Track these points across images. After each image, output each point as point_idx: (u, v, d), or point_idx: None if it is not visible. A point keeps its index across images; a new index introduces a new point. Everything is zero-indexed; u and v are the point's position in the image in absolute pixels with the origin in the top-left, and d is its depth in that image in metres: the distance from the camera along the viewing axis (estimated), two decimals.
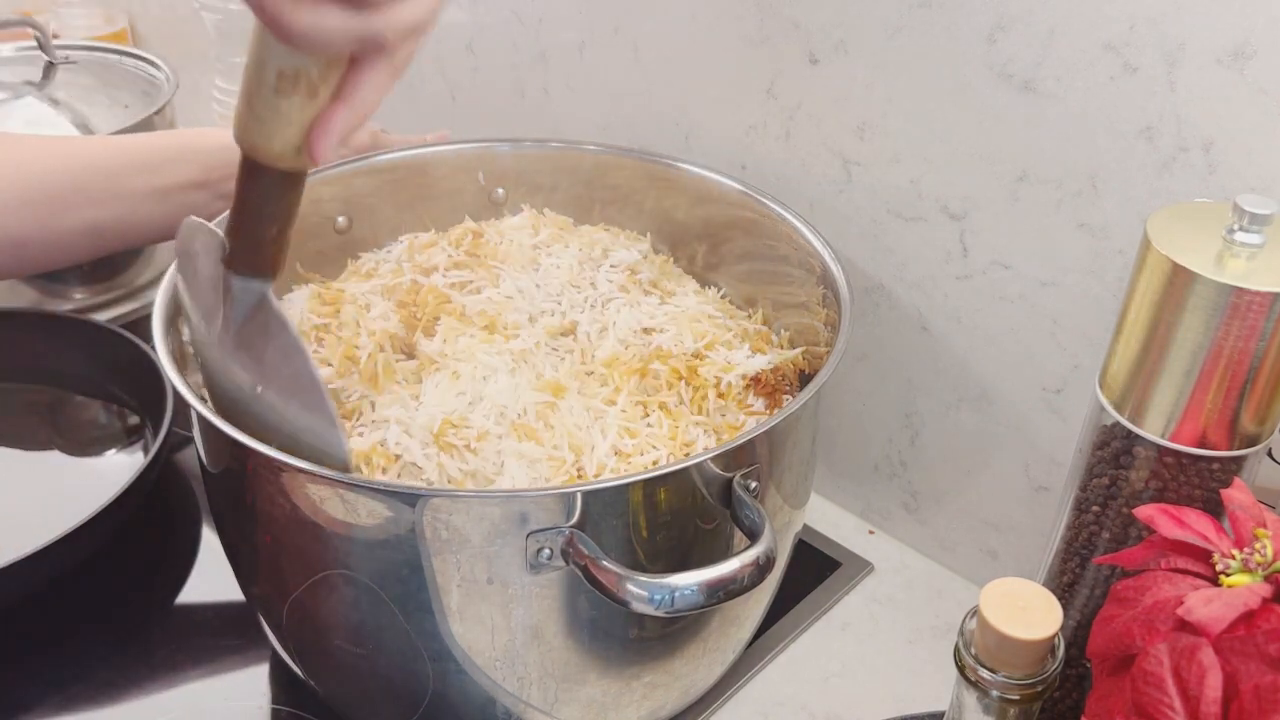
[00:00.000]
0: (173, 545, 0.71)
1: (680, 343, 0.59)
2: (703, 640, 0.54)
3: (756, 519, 0.46)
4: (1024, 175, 0.57)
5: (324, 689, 0.57)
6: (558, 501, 0.44)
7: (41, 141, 0.69)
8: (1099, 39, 0.52)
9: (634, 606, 0.43)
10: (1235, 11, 0.47)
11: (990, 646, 0.40)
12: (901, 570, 0.71)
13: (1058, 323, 0.59)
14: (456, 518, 0.44)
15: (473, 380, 0.54)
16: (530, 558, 0.45)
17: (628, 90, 0.76)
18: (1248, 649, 0.37)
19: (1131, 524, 0.48)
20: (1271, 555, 0.41)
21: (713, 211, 0.67)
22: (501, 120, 0.87)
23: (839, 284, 0.57)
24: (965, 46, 0.57)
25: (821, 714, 0.61)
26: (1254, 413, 0.44)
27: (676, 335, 0.60)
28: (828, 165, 0.66)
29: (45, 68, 0.95)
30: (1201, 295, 0.42)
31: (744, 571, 0.43)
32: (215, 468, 0.52)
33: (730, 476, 0.48)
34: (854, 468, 0.73)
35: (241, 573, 0.57)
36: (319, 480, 0.46)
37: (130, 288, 0.93)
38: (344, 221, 0.68)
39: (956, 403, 0.66)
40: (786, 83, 0.66)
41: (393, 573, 0.47)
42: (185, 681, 0.61)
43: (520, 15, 0.81)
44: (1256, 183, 0.49)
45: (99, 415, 0.78)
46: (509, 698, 0.51)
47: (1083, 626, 0.51)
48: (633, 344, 0.59)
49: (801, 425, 0.53)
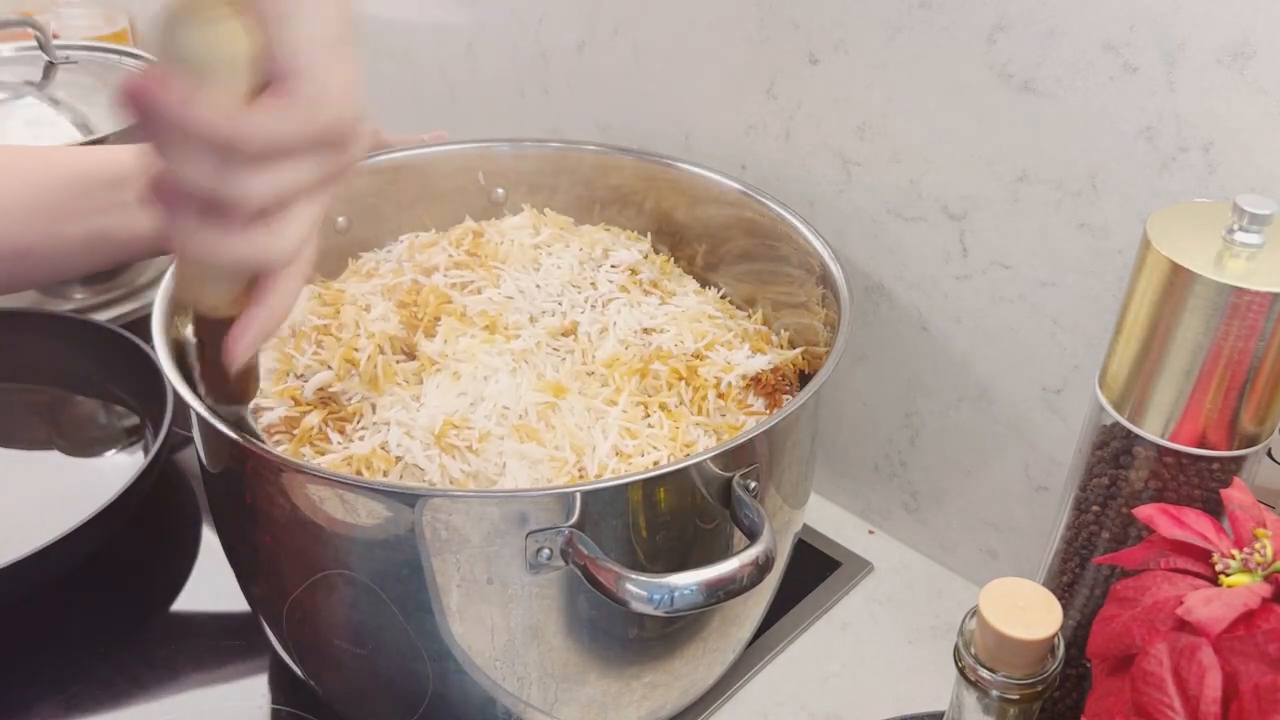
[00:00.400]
0: (173, 545, 0.71)
1: (680, 343, 0.59)
2: (702, 640, 0.54)
3: (756, 519, 0.46)
4: (1024, 175, 0.57)
5: (324, 689, 0.57)
6: (557, 501, 0.45)
7: (43, 152, 0.69)
8: (1099, 39, 0.52)
9: (633, 606, 0.43)
10: (1235, 11, 0.47)
11: (990, 646, 0.40)
12: (901, 570, 0.71)
13: (1058, 323, 0.59)
14: (456, 518, 0.44)
15: (474, 380, 0.54)
16: (530, 558, 0.45)
17: (628, 90, 0.76)
18: (1247, 649, 0.37)
19: (1131, 524, 0.48)
20: (1271, 555, 0.41)
21: (713, 211, 0.67)
22: (501, 120, 0.87)
23: (838, 284, 0.57)
24: (965, 46, 0.57)
25: (821, 714, 0.61)
26: (1254, 413, 0.44)
27: (677, 335, 0.60)
28: (828, 165, 0.66)
29: (45, 68, 0.95)
30: (1201, 295, 0.42)
31: (743, 571, 0.43)
32: (215, 468, 0.52)
33: (730, 476, 0.48)
34: (854, 468, 0.73)
35: (241, 573, 0.57)
36: (319, 480, 0.46)
37: (130, 288, 0.93)
38: (344, 222, 0.68)
39: (956, 403, 0.66)
40: (786, 83, 0.66)
41: (392, 573, 0.47)
42: (185, 682, 0.61)
43: (520, 15, 0.81)
44: (1256, 183, 0.49)
45: (99, 415, 0.78)
46: (509, 698, 0.51)
47: (1082, 626, 0.51)
48: (633, 344, 0.59)
49: (801, 425, 0.53)
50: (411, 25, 0.91)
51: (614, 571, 0.43)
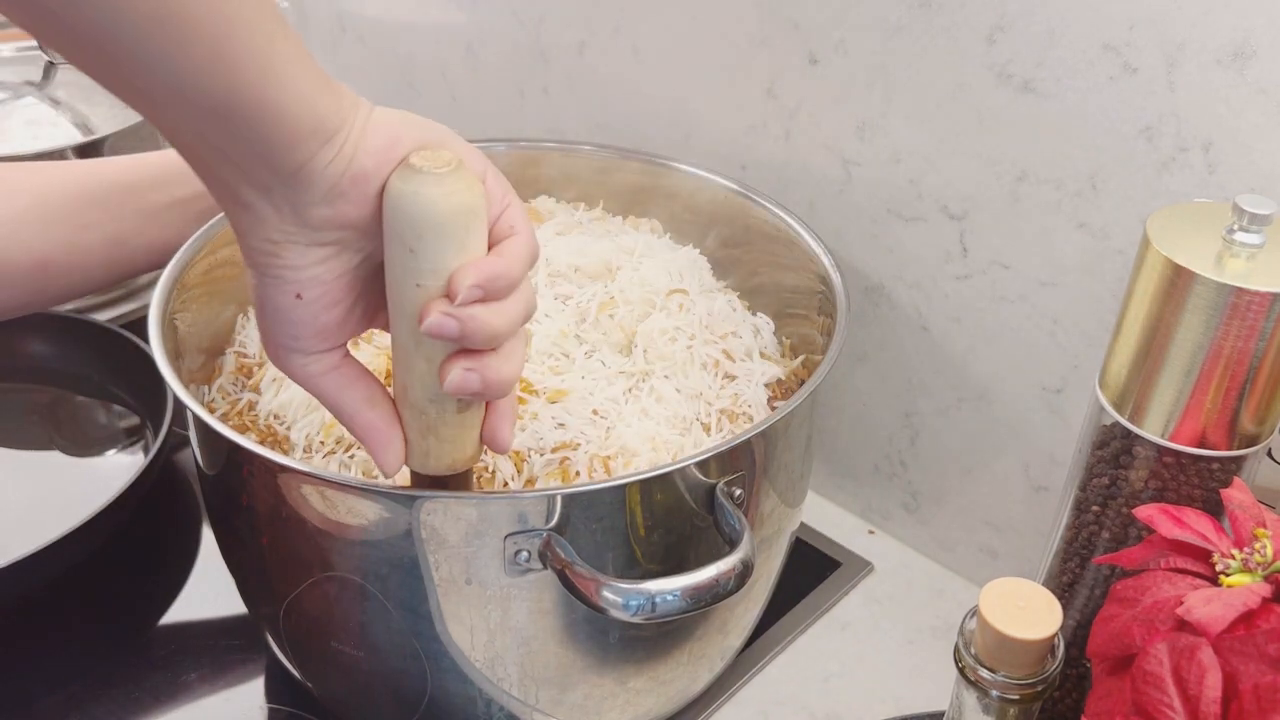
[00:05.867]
0: (172, 546, 0.71)
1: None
2: (688, 647, 0.54)
3: (737, 527, 0.46)
4: (1024, 175, 0.57)
5: (321, 690, 0.57)
6: (537, 504, 0.44)
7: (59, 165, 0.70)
8: (1099, 39, 0.52)
9: (610, 613, 0.42)
10: (1235, 11, 0.47)
11: (990, 646, 0.40)
12: (901, 570, 0.71)
13: (1058, 323, 0.59)
14: (451, 520, 0.44)
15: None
16: (508, 560, 0.45)
17: (628, 90, 0.76)
18: (1247, 649, 0.37)
19: (1131, 524, 0.48)
20: (1271, 555, 0.41)
21: (712, 212, 0.67)
22: (501, 120, 0.87)
23: (836, 289, 0.57)
24: (965, 46, 0.57)
25: (821, 714, 0.61)
26: (1254, 413, 0.44)
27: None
28: (828, 165, 0.66)
29: (45, 68, 0.95)
30: (1201, 295, 0.42)
31: (720, 580, 0.43)
32: (212, 470, 0.52)
33: (714, 483, 0.47)
34: (854, 468, 0.73)
35: (239, 575, 0.57)
36: (315, 482, 0.46)
37: (130, 288, 0.92)
38: None
39: (956, 403, 0.66)
40: (786, 83, 0.66)
41: (390, 574, 0.47)
42: (184, 682, 0.61)
43: (520, 15, 0.81)
44: (1256, 183, 0.49)
45: (99, 415, 0.78)
46: (506, 698, 0.50)
47: (1083, 626, 0.51)
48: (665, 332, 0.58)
49: (793, 429, 0.53)
50: (411, 25, 0.91)
51: (591, 578, 0.43)
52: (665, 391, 0.54)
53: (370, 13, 0.94)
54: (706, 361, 0.57)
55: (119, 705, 0.60)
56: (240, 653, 0.63)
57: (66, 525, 0.60)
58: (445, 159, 0.38)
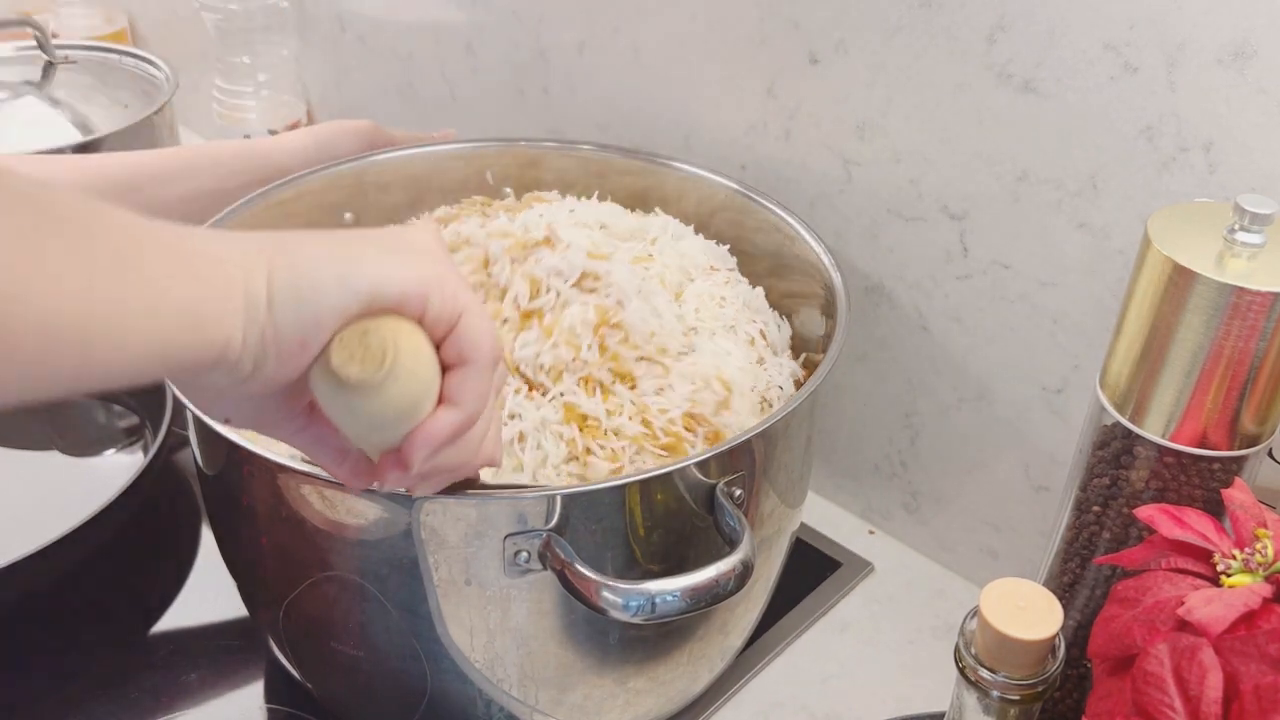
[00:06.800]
0: (172, 545, 0.71)
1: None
2: (689, 647, 0.54)
3: (737, 527, 0.46)
4: (1024, 175, 0.57)
5: (321, 691, 0.57)
6: (536, 504, 0.44)
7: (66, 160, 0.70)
8: (1099, 39, 0.52)
9: (610, 614, 0.42)
10: (1235, 11, 0.47)
11: (990, 646, 0.40)
12: (901, 570, 0.71)
13: (1058, 323, 0.59)
14: (450, 520, 0.44)
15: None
16: (508, 561, 0.45)
17: (628, 90, 0.76)
18: (1248, 649, 0.37)
19: (1132, 524, 0.48)
20: (1272, 555, 0.41)
21: (713, 212, 0.67)
22: (501, 120, 0.87)
23: (836, 289, 0.57)
24: (965, 46, 0.57)
25: (821, 714, 0.61)
26: (1254, 413, 0.44)
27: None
28: (828, 165, 0.66)
29: (45, 67, 0.95)
30: (1202, 295, 0.42)
31: (720, 580, 0.43)
32: (211, 470, 0.52)
33: (714, 484, 0.47)
34: (854, 468, 0.73)
35: (238, 576, 0.57)
36: (314, 482, 0.46)
37: None
38: (350, 218, 0.68)
39: (956, 403, 0.66)
40: (786, 83, 0.66)
41: (390, 575, 0.47)
42: (183, 682, 0.61)
43: (520, 15, 0.81)
44: (1257, 183, 0.49)
45: (99, 415, 0.78)
46: (506, 699, 0.50)
47: (1083, 626, 0.51)
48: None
49: (793, 429, 0.53)
50: (411, 25, 0.91)
51: (591, 578, 0.43)
52: (721, 341, 0.54)
53: (370, 13, 0.94)
54: (751, 337, 0.56)
55: (119, 705, 0.60)
56: (240, 653, 0.63)
57: (66, 525, 0.60)
58: (375, 357, 0.34)
